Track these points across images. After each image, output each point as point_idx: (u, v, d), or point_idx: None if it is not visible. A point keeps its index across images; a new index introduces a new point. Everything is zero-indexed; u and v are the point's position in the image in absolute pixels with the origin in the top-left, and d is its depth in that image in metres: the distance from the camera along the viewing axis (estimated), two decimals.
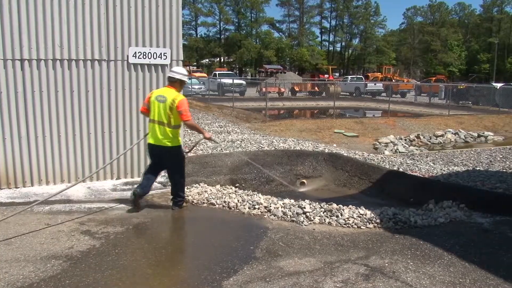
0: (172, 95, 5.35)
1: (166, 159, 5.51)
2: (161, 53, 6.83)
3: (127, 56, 6.63)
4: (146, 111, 5.58)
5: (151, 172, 5.66)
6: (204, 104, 21.85)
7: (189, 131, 11.71)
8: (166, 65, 6.90)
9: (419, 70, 74.70)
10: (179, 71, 5.56)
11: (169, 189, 6.38)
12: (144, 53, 6.71)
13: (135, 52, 6.65)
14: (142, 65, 6.76)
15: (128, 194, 6.15)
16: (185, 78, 5.57)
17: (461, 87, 30.18)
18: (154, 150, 5.49)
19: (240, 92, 29.95)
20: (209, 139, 5.82)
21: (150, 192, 6.26)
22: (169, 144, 5.36)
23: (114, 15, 6.47)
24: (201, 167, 7.45)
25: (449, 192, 6.38)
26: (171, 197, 5.71)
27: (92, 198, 5.95)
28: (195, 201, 5.92)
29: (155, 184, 6.61)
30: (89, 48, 6.39)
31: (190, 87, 27.51)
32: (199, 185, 6.60)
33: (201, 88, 30.63)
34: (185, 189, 5.90)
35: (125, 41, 6.59)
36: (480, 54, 72.18)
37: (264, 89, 24.97)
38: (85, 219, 5.03)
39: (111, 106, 6.66)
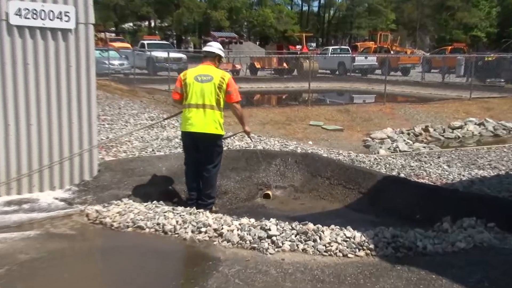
0: (218, 73, 6.46)
1: (206, 148, 6.53)
2: (60, 12, 6.60)
3: (7, 14, 6.32)
4: (180, 98, 6.61)
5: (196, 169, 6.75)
6: (127, 87, 21.45)
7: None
8: (70, 30, 6.69)
9: (429, 36, 75.09)
10: (216, 46, 6.77)
11: (75, 209, 6.29)
12: (35, 11, 6.45)
13: (20, 9, 6.34)
14: (31, 28, 6.49)
15: (13, 217, 5.96)
16: (223, 54, 6.83)
17: (490, 58, 30.10)
18: (196, 139, 6.45)
19: (178, 70, 29.71)
20: (248, 134, 7.09)
21: (48, 214, 6.13)
22: (216, 131, 6.40)
23: None
24: (124, 176, 7.34)
25: (472, 206, 6.49)
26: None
27: None
28: (115, 224, 5.81)
29: (55, 203, 6.47)
30: None
31: (106, 62, 26.97)
32: (122, 201, 6.49)
33: (122, 64, 29.91)
34: (107, 208, 6.14)
35: None
36: None
37: None
38: None
39: None
